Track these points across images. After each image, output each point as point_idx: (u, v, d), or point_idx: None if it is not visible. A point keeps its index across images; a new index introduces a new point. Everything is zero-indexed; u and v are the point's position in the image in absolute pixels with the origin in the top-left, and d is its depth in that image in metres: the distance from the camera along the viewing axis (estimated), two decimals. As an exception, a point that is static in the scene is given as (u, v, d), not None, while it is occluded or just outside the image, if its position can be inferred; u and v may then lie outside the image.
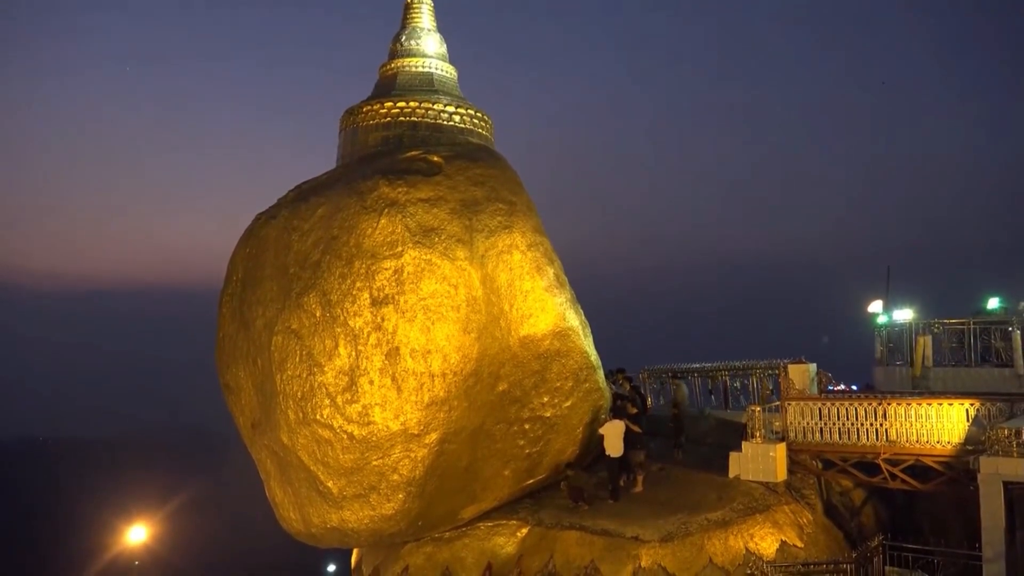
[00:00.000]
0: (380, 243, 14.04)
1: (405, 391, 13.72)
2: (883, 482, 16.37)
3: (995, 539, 13.13)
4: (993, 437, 13.54)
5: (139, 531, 34.28)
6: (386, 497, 14.28)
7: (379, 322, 13.76)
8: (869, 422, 16.12)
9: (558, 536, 15.34)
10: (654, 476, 17.45)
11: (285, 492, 15.53)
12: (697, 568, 14.43)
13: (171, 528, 49.60)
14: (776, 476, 16.51)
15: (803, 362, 18.43)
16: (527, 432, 15.70)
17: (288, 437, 14.24)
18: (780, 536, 15.42)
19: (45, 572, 61.11)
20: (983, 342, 19.99)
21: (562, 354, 15.77)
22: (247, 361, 15.68)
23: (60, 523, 75.92)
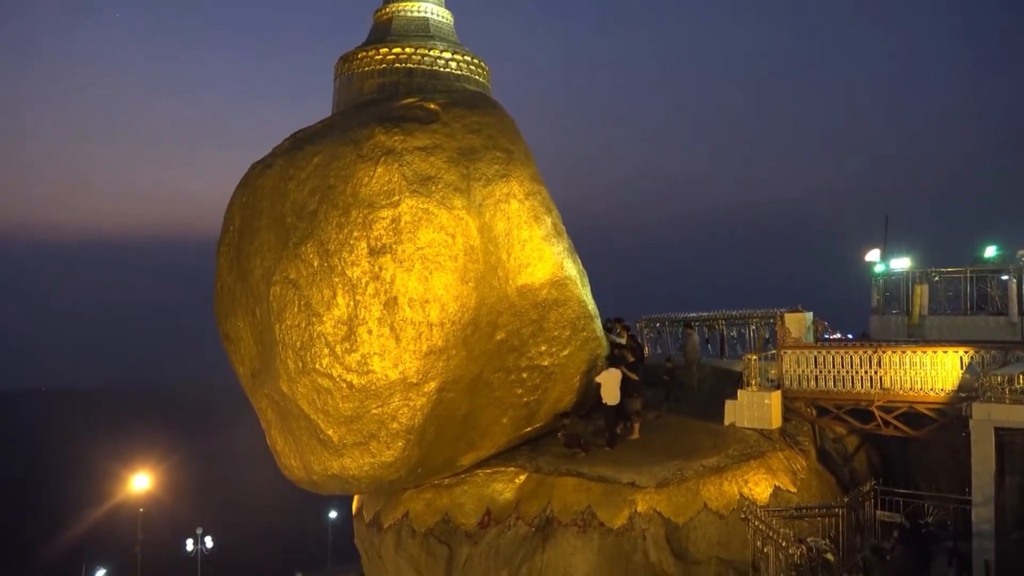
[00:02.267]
0: (377, 192, 13.95)
1: (403, 340, 13.78)
2: (876, 429, 16.59)
3: (985, 483, 13.37)
4: (986, 384, 13.69)
5: (142, 479, 34.76)
6: (386, 445, 14.44)
7: (377, 272, 13.74)
8: (864, 370, 16.28)
9: (556, 482, 15.57)
10: (650, 423, 17.65)
11: (286, 440, 15.70)
12: (692, 513, 14.70)
13: (174, 476, 50.34)
14: (771, 423, 16.74)
15: (800, 311, 18.51)
16: (525, 381, 15.81)
17: (288, 386, 14.33)
18: (774, 481, 15.68)
19: (49, 520, 62.07)
20: (979, 291, 20.04)
21: (560, 303, 15.80)
22: (246, 311, 15.71)
23: (64, 472, 76.93)
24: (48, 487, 73.47)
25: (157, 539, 36.88)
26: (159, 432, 75.43)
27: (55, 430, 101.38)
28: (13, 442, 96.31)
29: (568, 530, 14.63)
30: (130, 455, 44.27)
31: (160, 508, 40.98)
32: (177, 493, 48.87)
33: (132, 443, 55.99)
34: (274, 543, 52.05)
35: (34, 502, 68.94)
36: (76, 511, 62.07)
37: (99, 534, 49.29)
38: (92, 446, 75.49)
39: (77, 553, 39.25)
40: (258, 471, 39.09)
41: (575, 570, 14.26)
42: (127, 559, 34.71)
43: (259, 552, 46.14)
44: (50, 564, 49.07)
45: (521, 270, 15.12)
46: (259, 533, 57.10)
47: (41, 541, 57.13)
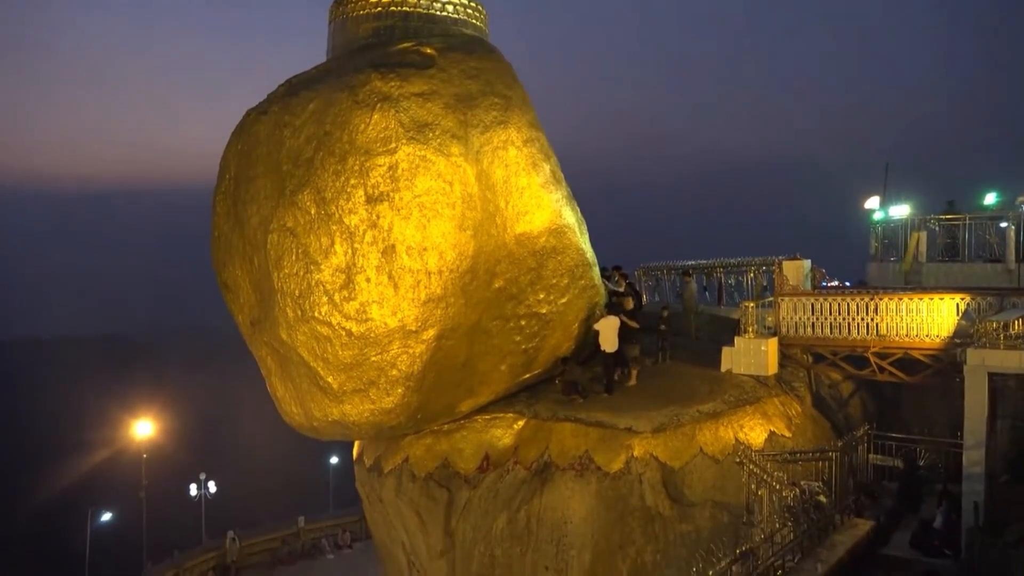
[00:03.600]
0: (373, 139, 13.81)
1: (402, 288, 13.80)
2: (871, 375, 16.74)
3: (977, 427, 13.54)
4: (981, 330, 13.75)
5: (145, 425, 35.10)
6: (385, 391, 14.58)
7: (374, 220, 13.69)
8: (860, 317, 16.35)
9: (554, 428, 15.77)
10: (648, 370, 17.79)
11: (286, 387, 15.83)
12: (688, 457, 14.92)
13: (176, 423, 50.89)
14: (767, 370, 16.88)
15: (798, 258, 18.51)
16: (523, 328, 15.89)
17: (287, 334, 14.40)
18: (769, 427, 15.88)
19: (53, 467, 62.92)
20: (977, 238, 20.03)
21: (558, 251, 15.79)
22: (244, 260, 15.69)
23: (66, 420, 77.74)
24: (50, 435, 74.34)
25: (161, 484, 37.41)
26: (160, 380, 76.12)
27: (56, 378, 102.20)
28: (14, 390, 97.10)
29: (566, 474, 14.87)
30: (132, 402, 44.66)
31: (163, 454, 41.46)
32: (179, 440, 49.54)
33: (133, 391, 56.54)
34: (276, 488, 52.97)
35: (37, 449, 69.84)
36: (79, 457, 62.99)
37: (103, 479, 50.13)
38: (93, 394, 76.26)
39: (82, 498, 39.90)
40: (259, 418, 39.57)
41: (573, 513, 14.53)
42: (132, 503, 35.27)
43: (262, 497, 46.97)
44: (56, 509, 49.98)
45: (519, 218, 15.07)
46: (261, 479, 58.08)
47: (46, 487, 58.08)
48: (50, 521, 48.07)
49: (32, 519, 52.40)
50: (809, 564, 11.82)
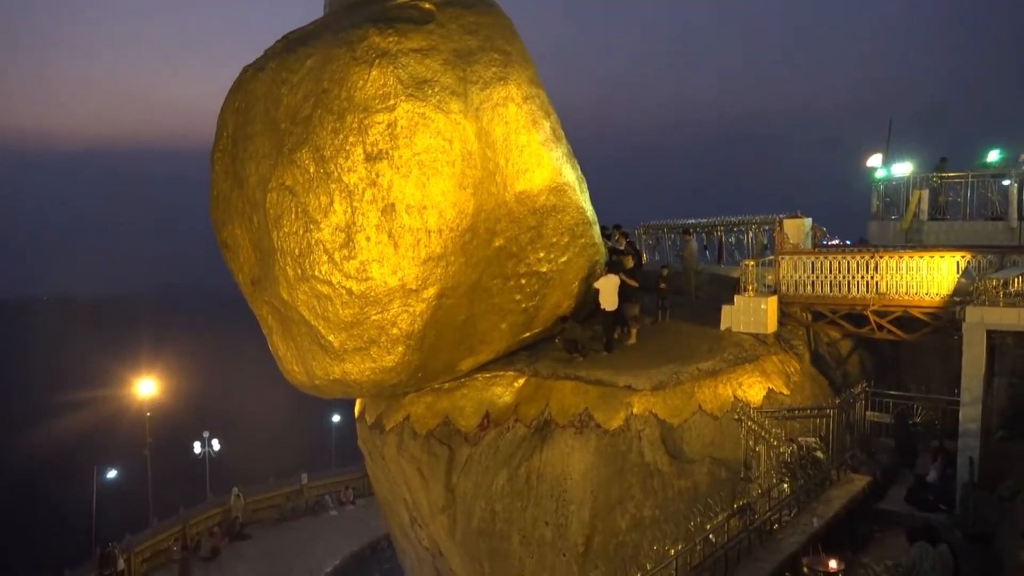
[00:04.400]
0: (372, 96, 13.65)
1: (402, 247, 13.77)
2: (870, 333, 16.81)
3: (974, 384, 13.64)
4: (981, 287, 13.78)
5: (147, 384, 35.29)
6: (386, 350, 14.64)
7: (374, 178, 13.61)
8: (860, 275, 16.37)
9: (553, 386, 15.88)
10: (648, 329, 17.86)
11: (287, 346, 15.89)
12: (687, 414, 15.05)
13: (179, 382, 51.22)
14: (766, 328, 16.94)
15: (799, 216, 18.45)
16: (523, 287, 15.90)
17: (288, 293, 14.41)
18: (768, 384, 16.00)
19: (56, 426, 63.48)
20: (979, 195, 19.93)
21: (558, 209, 15.73)
22: (243, 218, 15.63)
23: (67, 380, 78.10)
24: (52, 394, 74.83)
25: (165, 443, 37.78)
26: (161, 340, 76.37)
27: (56, 338, 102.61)
28: (15, 350, 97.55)
29: (565, 431, 15.01)
30: (133, 362, 44.93)
31: (166, 413, 41.82)
32: (183, 399, 49.91)
33: (135, 351, 56.76)
34: (279, 446, 53.48)
35: (40, 408, 70.39)
36: (82, 416, 63.51)
37: (107, 438, 50.59)
38: (94, 354, 76.60)
39: (87, 456, 40.32)
40: (261, 377, 39.80)
41: (572, 469, 14.70)
42: (137, 461, 35.66)
43: (265, 455, 47.45)
44: (61, 466, 50.54)
45: (519, 176, 14.98)
46: (264, 437, 58.61)
47: (49, 445, 58.66)
48: (56, 478, 48.63)
49: (37, 476, 53.02)
50: (805, 518, 12.01)
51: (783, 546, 11.00)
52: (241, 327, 35.60)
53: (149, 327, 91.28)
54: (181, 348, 74.68)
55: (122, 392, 41.13)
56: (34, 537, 39.62)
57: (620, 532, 14.45)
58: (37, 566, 26.92)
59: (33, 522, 43.91)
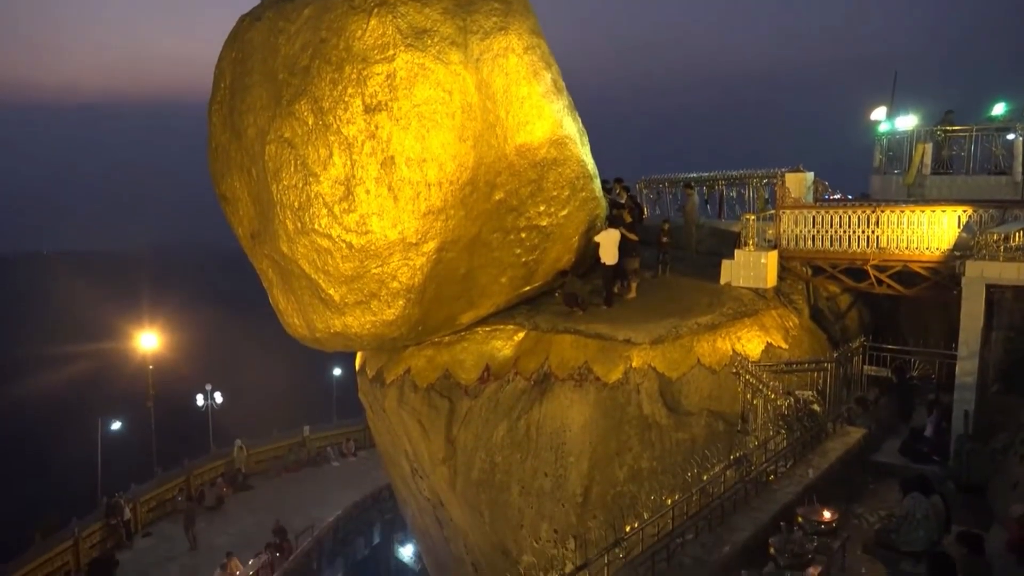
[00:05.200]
0: (371, 46, 13.46)
1: (402, 200, 13.71)
2: (870, 287, 16.84)
3: (972, 338, 13.70)
4: (982, 242, 13.76)
5: (149, 338, 35.49)
6: (386, 303, 14.68)
7: (373, 130, 13.48)
8: (861, 229, 16.34)
9: (553, 339, 15.95)
10: (647, 283, 17.89)
11: (288, 300, 15.93)
12: (685, 368, 15.14)
13: (180, 336, 51.47)
14: (766, 282, 16.96)
15: (801, 171, 18.35)
16: (523, 241, 15.88)
17: (288, 247, 14.39)
18: (766, 338, 16.07)
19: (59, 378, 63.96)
20: (984, 149, 19.76)
21: (559, 163, 15.62)
22: (241, 171, 15.55)
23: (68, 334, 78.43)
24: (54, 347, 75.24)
25: (168, 396, 38.18)
26: (163, 295, 76.52)
27: (58, 293, 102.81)
28: (16, 306, 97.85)
29: (565, 384, 15.12)
30: (135, 316, 45.12)
31: (169, 367, 42.15)
32: (184, 353, 50.27)
33: (136, 305, 56.91)
34: (280, 399, 53.98)
35: (43, 361, 70.85)
36: (84, 370, 64.00)
37: (111, 391, 51.05)
38: (96, 308, 76.82)
39: (91, 408, 40.71)
40: (262, 331, 39.99)
41: (571, 422, 14.85)
42: (140, 414, 36.06)
43: (267, 408, 47.91)
44: (65, 419, 51.09)
45: (520, 128, 14.84)
46: (266, 390, 59.11)
47: (53, 398, 59.22)
48: (60, 430, 49.20)
49: (42, 428, 53.61)
50: (801, 469, 12.17)
51: (778, 496, 11.17)
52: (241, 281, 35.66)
53: (150, 282, 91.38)
54: (182, 303, 74.86)
55: (124, 346, 41.39)
56: (40, 487, 40.21)
57: (618, 483, 14.66)
58: (44, 515, 27.35)
59: (39, 473, 44.53)
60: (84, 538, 25.12)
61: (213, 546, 25.98)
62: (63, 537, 24.80)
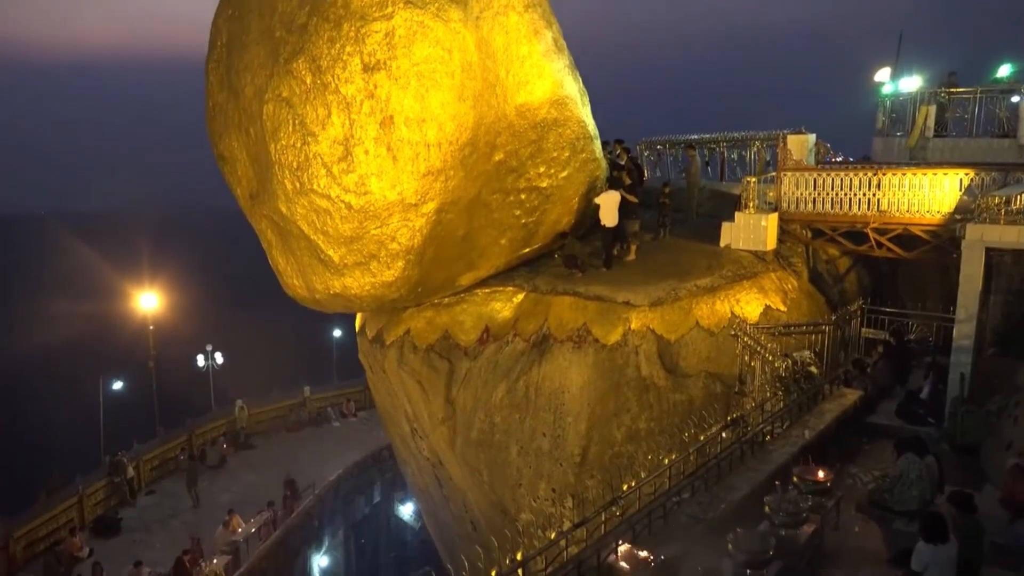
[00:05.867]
0: (369, 3, 13.23)
1: (401, 161, 13.62)
2: (869, 250, 16.84)
3: (970, 302, 13.74)
4: (983, 205, 13.72)
5: (150, 298, 35.52)
6: (386, 265, 14.67)
7: (372, 89, 13.33)
8: (862, 192, 16.28)
9: (552, 301, 15.98)
10: (647, 245, 17.87)
11: (287, 261, 15.91)
12: (684, 330, 15.20)
13: (181, 297, 51.52)
14: (766, 245, 16.94)
15: (803, 132, 18.21)
16: (523, 202, 15.82)
17: (286, 207, 14.34)
18: (765, 301, 16.11)
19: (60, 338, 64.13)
20: (988, 112, 19.59)
21: (559, 123, 15.50)
22: (239, 131, 15.42)
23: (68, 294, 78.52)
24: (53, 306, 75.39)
25: (169, 356, 38.36)
26: (161, 256, 76.41)
27: (57, 254, 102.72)
28: (16, 266, 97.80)
29: (564, 346, 15.19)
30: (134, 276, 45.09)
31: (169, 328, 42.26)
32: (184, 313, 50.37)
33: (135, 265, 56.88)
34: (281, 360, 54.23)
35: (42, 320, 71.04)
36: (84, 330, 64.18)
37: (111, 351, 51.26)
38: (94, 269, 76.84)
39: (92, 367, 40.91)
40: (261, 292, 40.03)
41: (570, 383, 14.94)
42: (142, 374, 36.25)
43: (267, 368, 48.17)
44: (66, 377, 51.36)
45: (520, 88, 14.69)
46: (267, 351, 59.34)
47: (54, 358, 59.48)
48: (62, 389, 49.50)
49: (44, 387, 53.94)
50: (797, 431, 12.28)
51: (774, 457, 11.29)
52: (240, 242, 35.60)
53: (148, 243, 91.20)
54: (182, 264, 74.79)
55: (124, 306, 41.45)
56: (44, 446, 40.59)
57: (616, 443, 14.81)
58: (49, 473, 27.67)
59: (42, 432, 44.92)
60: (88, 495, 25.44)
61: (215, 504, 26.32)
62: (68, 494, 25.11)
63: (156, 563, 21.83)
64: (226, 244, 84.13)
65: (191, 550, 22.48)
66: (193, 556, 22.16)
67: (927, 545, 8.30)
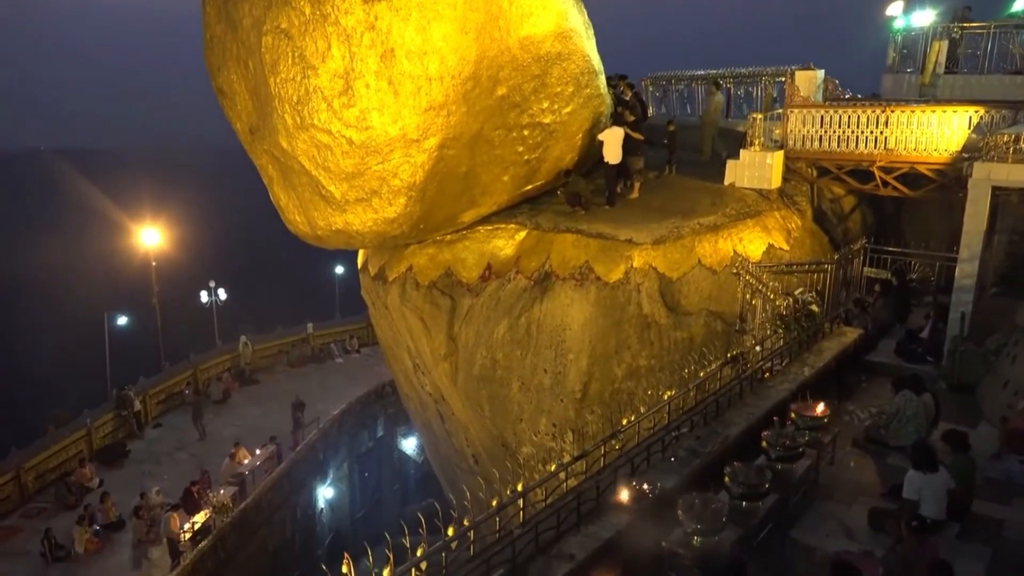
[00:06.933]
0: (369, -69, 12.85)
1: (402, 95, 13.42)
2: (875, 189, 16.69)
3: (973, 241, 13.69)
4: (991, 143, 13.54)
5: (152, 234, 35.47)
6: (388, 201, 14.60)
7: (372, 21, 13.05)
8: (869, 130, 16.04)
9: (555, 239, 15.95)
10: (651, 183, 17.74)
11: (289, 196, 15.83)
12: (686, 268, 15.20)
13: (182, 233, 51.46)
14: (770, 183, 16.79)
15: (811, 68, 17.87)
16: (526, 138, 15.64)
17: (287, 142, 14.19)
18: (768, 239, 16.06)
19: (62, 274, 64.31)
20: (1001, 48, 19.17)
21: (563, 57, 15.21)
22: (238, 64, 15.15)
23: (68, 230, 78.42)
24: (55, 243, 75.41)
25: (172, 291, 38.50)
26: (163, 192, 76.06)
27: (57, 189, 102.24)
28: (16, 201, 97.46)
29: (566, 283, 15.22)
30: (136, 213, 44.93)
31: (172, 264, 42.31)
32: (187, 249, 50.38)
33: (137, 202, 56.64)
34: (285, 296, 54.50)
35: (44, 257, 71.16)
36: (88, 265, 64.32)
37: (115, 287, 51.46)
38: (96, 205, 76.54)
39: (96, 303, 41.13)
40: (263, 229, 39.99)
41: (571, 320, 15.02)
42: (145, 310, 36.46)
43: (271, 304, 48.44)
44: (69, 310, 51.68)
45: (523, 20, 14.37)
46: (270, 287, 59.60)
47: (57, 291, 59.76)
48: (66, 324, 49.85)
49: (49, 322, 54.32)
50: (796, 368, 12.38)
51: (773, 393, 11.40)
52: (241, 178, 35.36)
53: (151, 180, 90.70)
54: (182, 200, 74.49)
55: (126, 242, 41.43)
56: (51, 380, 41.11)
57: (616, 380, 14.96)
58: (57, 407, 28.13)
59: (48, 366, 45.42)
60: (97, 428, 25.88)
61: (221, 437, 26.78)
62: (76, 427, 25.54)
63: (165, 493, 22.36)
64: (226, 180, 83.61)
65: (199, 481, 22.99)
66: (201, 486, 22.68)
67: (917, 472, 8.47)
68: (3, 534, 21.22)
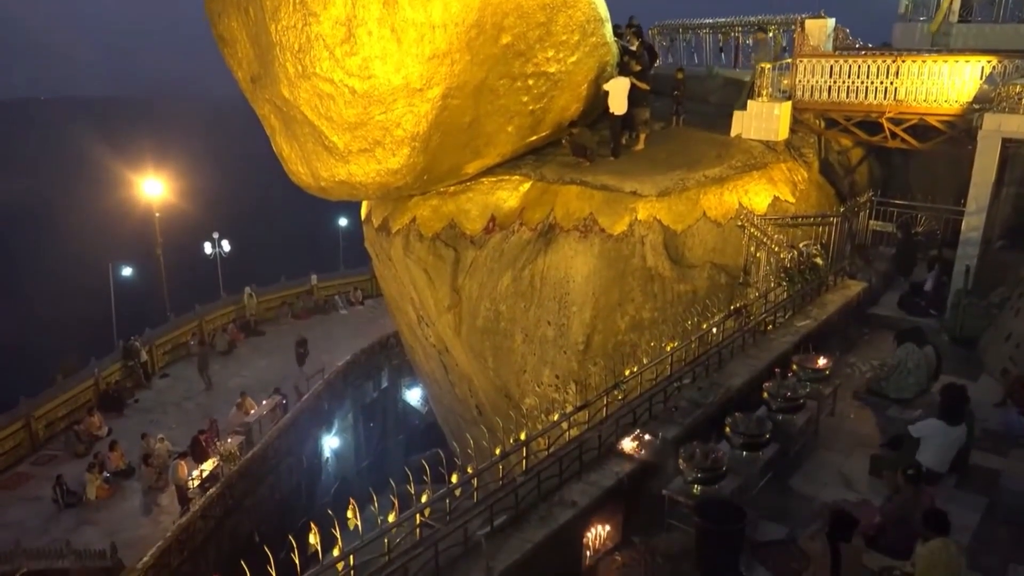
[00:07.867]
0: None
1: (405, 43, 13.21)
2: (883, 141, 16.52)
3: (981, 193, 13.59)
4: (1003, 94, 13.35)
5: (155, 185, 35.33)
6: (391, 152, 14.48)
7: (374, -34, 12.79)
8: (880, 80, 15.82)
9: (559, 190, 15.85)
10: (657, 134, 17.55)
11: (291, 147, 15.72)
12: (691, 221, 15.13)
13: (186, 184, 51.25)
14: (777, 135, 16.63)
15: (822, 17, 17.53)
16: (531, 88, 15.43)
17: (289, 91, 14.04)
18: (774, 192, 15.95)
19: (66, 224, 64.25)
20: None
21: (568, 4, 14.90)
22: (238, 10, 14.90)
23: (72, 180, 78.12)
24: (57, 193, 75.20)
25: (176, 242, 38.47)
26: (165, 143, 75.57)
27: (57, 139, 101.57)
28: (17, 150, 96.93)
29: (570, 235, 15.17)
30: (139, 163, 44.67)
31: (176, 215, 42.16)
32: (190, 200, 50.18)
33: (139, 152, 56.27)
34: (288, 248, 54.47)
35: (45, 207, 71.05)
36: (91, 216, 64.23)
37: (119, 237, 51.43)
38: (97, 154, 76.09)
39: (100, 254, 41.14)
40: (266, 180, 39.80)
41: (575, 272, 15.01)
42: (149, 261, 36.49)
43: (274, 256, 48.44)
44: (73, 260, 51.80)
45: (528, -35, 14.05)
46: (273, 239, 59.56)
47: (61, 241, 59.80)
48: (70, 274, 49.99)
49: (54, 271, 54.48)
50: (799, 320, 12.42)
51: (775, 345, 11.46)
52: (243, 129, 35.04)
53: (151, 129, 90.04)
54: (184, 150, 74.03)
55: (129, 193, 41.29)
56: (57, 330, 41.35)
57: (619, 332, 15.01)
58: (65, 356, 28.35)
59: (55, 316, 45.66)
60: (104, 378, 26.14)
61: (228, 387, 27.04)
62: (84, 376, 25.80)
63: (172, 442, 22.68)
64: (229, 130, 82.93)
65: (207, 430, 23.29)
66: (209, 436, 22.98)
67: (940, 422, 8.53)
68: (15, 480, 21.59)
